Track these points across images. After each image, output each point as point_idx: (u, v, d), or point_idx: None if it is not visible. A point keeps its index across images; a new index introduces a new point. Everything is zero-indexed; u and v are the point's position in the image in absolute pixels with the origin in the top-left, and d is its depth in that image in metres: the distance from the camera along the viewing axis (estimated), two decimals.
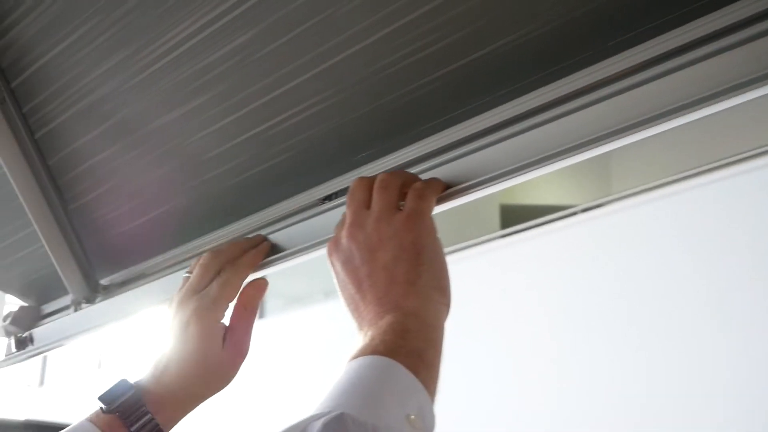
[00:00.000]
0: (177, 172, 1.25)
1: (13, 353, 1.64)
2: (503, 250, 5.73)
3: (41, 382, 9.72)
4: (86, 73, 1.14)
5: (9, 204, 1.44)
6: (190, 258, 1.39)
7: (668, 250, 4.68)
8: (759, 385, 4.05)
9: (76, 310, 1.54)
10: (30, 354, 1.62)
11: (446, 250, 0.91)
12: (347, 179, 1.13)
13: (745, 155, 4.53)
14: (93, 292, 1.51)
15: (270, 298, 7.55)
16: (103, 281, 1.52)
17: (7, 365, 1.65)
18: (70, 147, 1.28)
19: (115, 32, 1.07)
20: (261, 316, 7.44)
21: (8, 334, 1.69)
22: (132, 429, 0.89)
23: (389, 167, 1.08)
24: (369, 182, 0.92)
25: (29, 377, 9.55)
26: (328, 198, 1.17)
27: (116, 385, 0.94)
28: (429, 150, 1.05)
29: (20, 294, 1.71)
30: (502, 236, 5.85)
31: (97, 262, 1.49)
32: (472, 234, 5.88)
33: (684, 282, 4.55)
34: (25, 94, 1.21)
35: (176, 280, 1.33)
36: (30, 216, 1.33)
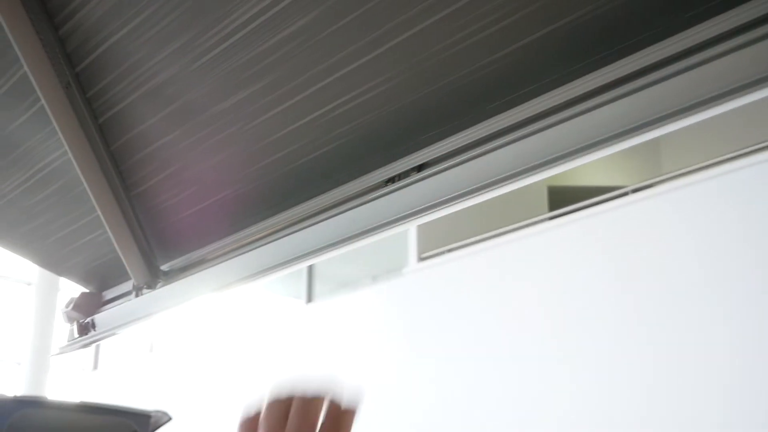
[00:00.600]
0: (238, 157, 1.24)
1: (75, 339, 1.66)
2: (552, 232, 5.68)
3: (95, 366, 9.88)
4: (150, 57, 1.13)
5: (70, 192, 1.46)
6: (250, 243, 1.39)
7: (720, 231, 4.60)
8: None
9: (137, 296, 1.56)
10: (92, 339, 1.63)
11: (495, 232, 0.90)
12: (412, 159, 1.12)
13: None
14: (154, 277, 1.51)
15: (319, 282, 7.59)
16: (164, 267, 1.53)
17: (70, 351, 1.67)
18: (133, 132, 1.28)
19: (178, 15, 1.07)
20: (309, 300, 7.48)
21: (70, 320, 1.71)
22: None
23: (453, 148, 1.07)
24: (285, 407, 0.72)
25: (84, 361, 9.71)
26: (392, 180, 1.16)
27: None
28: (494, 130, 1.03)
29: (81, 280, 1.73)
30: (550, 218, 5.80)
31: (158, 247, 1.50)
32: (520, 216, 5.84)
33: (738, 262, 4.47)
34: (89, 79, 1.21)
35: (235, 266, 1.34)
36: (94, 202, 1.33)
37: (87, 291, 1.73)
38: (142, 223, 1.43)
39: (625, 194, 5.31)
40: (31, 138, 1.36)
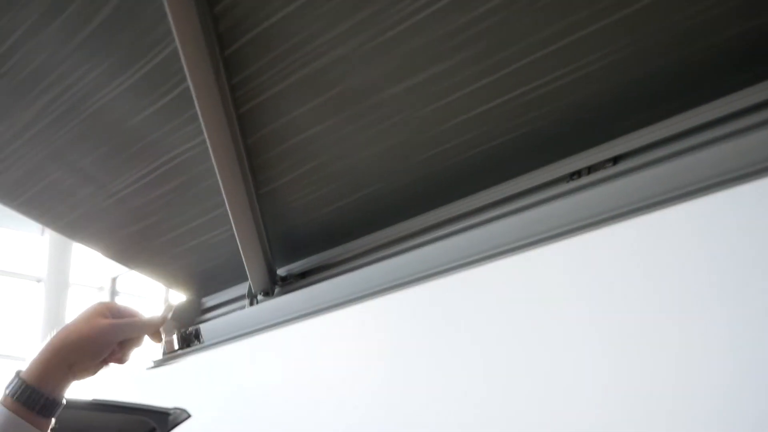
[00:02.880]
0: (393, 151, 1.14)
1: (175, 351, 1.54)
2: None
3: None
4: (316, 36, 1.02)
5: (192, 188, 1.35)
6: (383, 246, 1.28)
7: None
8: None
9: (252, 304, 1.45)
10: (197, 351, 1.52)
11: None
12: (604, 151, 1.01)
13: None
14: (272, 283, 1.41)
15: None
16: (280, 271, 1.43)
17: (168, 363, 1.55)
18: (274, 124, 1.17)
19: None
20: None
21: (168, 330, 1.59)
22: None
23: (660, 137, 0.96)
24: None
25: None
26: (577, 173, 1.05)
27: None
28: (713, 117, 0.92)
29: (181, 286, 1.62)
30: None
31: (276, 251, 1.39)
32: None
33: None
34: (238, 64, 1.10)
35: (366, 276, 1.22)
36: (225, 198, 1.23)
37: (187, 299, 1.62)
38: (266, 225, 1.32)
39: None
40: (158, 130, 1.25)
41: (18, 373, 1.08)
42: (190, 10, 1.01)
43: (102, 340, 1.12)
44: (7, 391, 1.06)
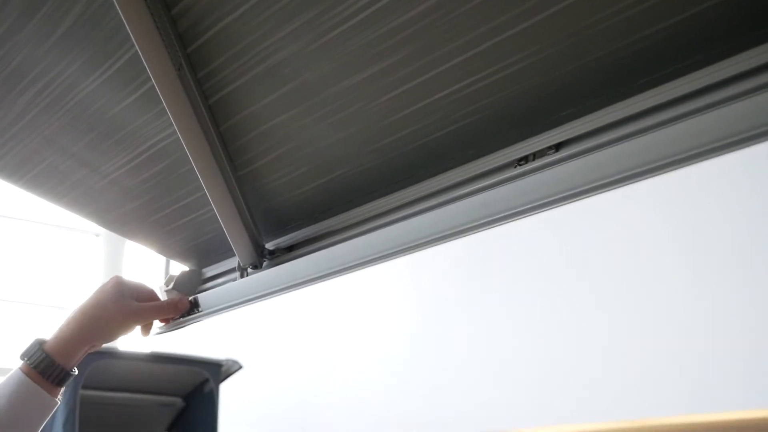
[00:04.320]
0: (358, 136, 1.18)
1: (177, 318, 1.63)
2: None
3: None
4: (268, 36, 1.07)
5: (175, 172, 1.42)
6: (360, 223, 1.33)
7: None
8: None
9: (242, 276, 1.52)
10: (195, 319, 1.60)
11: None
12: (547, 138, 1.04)
13: None
14: (259, 257, 1.47)
15: None
16: (269, 245, 1.49)
17: (173, 330, 1.63)
18: (243, 113, 1.23)
19: None
20: None
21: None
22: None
23: (593, 127, 1.00)
24: None
25: None
26: (524, 159, 1.09)
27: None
28: (636, 111, 0.96)
29: (182, 258, 1.70)
30: None
31: (263, 227, 1.46)
32: None
33: None
34: (200, 60, 1.16)
35: (349, 249, 1.27)
36: (201, 181, 1.29)
37: (188, 269, 1.70)
38: (249, 203, 1.38)
39: None
40: (138, 119, 1.31)
41: (41, 345, 1.16)
42: (144, 14, 1.06)
43: (130, 323, 1.24)
44: (27, 360, 1.15)
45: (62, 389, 1.19)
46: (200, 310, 1.58)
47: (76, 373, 1.21)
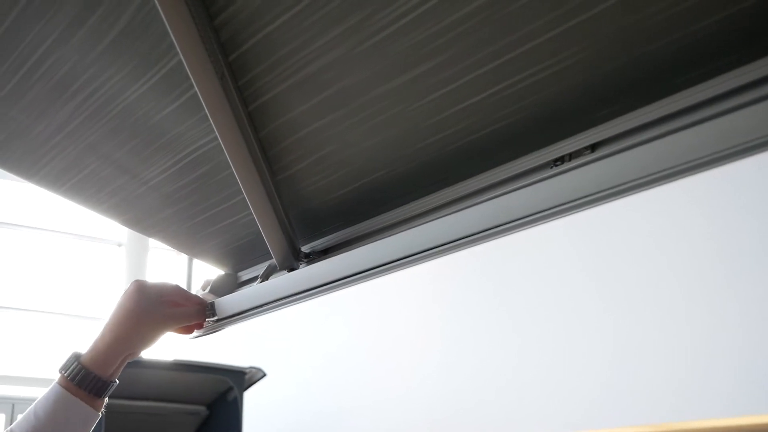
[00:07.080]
0: (396, 139, 1.22)
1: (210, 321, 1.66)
2: None
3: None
4: (309, 43, 1.11)
5: (213, 178, 1.45)
6: (395, 225, 1.36)
7: None
8: None
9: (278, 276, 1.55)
10: (230, 321, 1.63)
11: None
12: (583, 138, 1.07)
13: None
14: (296, 260, 1.50)
15: None
16: (305, 248, 1.52)
17: (207, 334, 1.66)
18: (282, 119, 1.26)
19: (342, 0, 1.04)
20: None
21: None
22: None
23: (629, 127, 1.02)
24: None
25: None
26: (560, 160, 1.12)
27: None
28: (673, 110, 0.98)
29: (217, 262, 1.74)
30: None
31: (299, 230, 1.49)
32: None
33: None
34: (241, 68, 1.20)
35: (381, 249, 1.30)
36: (241, 186, 1.33)
37: (223, 273, 1.74)
38: (286, 207, 1.42)
39: None
40: (179, 126, 1.35)
41: (78, 358, 1.19)
42: (189, 24, 1.10)
43: (161, 328, 1.27)
44: (65, 373, 1.18)
45: (105, 401, 1.22)
46: (214, 314, 1.54)
47: (118, 383, 1.23)
